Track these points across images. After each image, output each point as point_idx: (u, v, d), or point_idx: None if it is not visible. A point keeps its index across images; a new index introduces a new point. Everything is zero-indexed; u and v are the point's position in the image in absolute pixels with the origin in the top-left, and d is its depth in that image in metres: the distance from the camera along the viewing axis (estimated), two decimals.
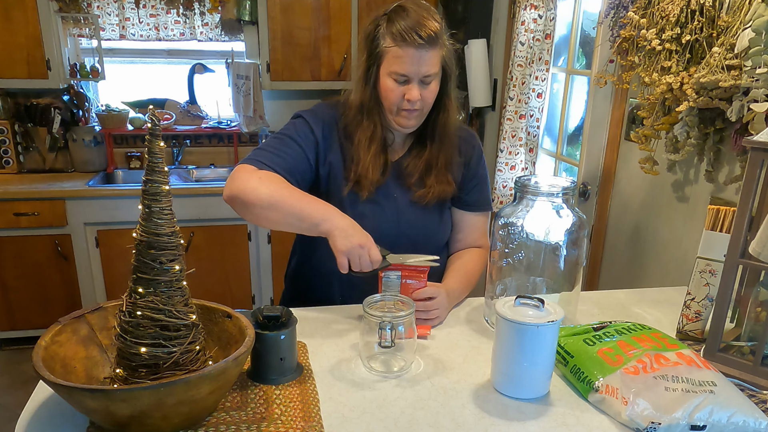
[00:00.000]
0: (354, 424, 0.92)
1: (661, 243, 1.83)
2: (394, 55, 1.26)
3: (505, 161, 2.63)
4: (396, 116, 1.33)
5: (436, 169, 1.39)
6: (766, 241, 1.01)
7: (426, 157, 1.40)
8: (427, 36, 1.23)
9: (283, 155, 1.32)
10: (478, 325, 1.29)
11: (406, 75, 1.27)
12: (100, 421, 0.87)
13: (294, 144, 1.34)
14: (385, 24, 1.28)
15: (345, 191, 1.36)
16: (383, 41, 1.28)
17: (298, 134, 1.35)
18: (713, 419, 0.88)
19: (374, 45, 1.30)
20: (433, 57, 1.27)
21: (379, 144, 1.36)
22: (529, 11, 2.38)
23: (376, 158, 1.35)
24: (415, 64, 1.25)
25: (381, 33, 1.29)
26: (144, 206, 0.88)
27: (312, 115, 1.39)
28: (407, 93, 1.28)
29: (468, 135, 1.50)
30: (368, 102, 1.33)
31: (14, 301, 3.11)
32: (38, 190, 2.98)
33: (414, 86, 1.28)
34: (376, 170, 1.35)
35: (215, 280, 3.28)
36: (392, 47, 1.26)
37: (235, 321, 1.01)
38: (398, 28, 1.25)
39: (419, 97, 1.28)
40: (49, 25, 2.99)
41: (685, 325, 1.24)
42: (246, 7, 3.23)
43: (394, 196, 1.40)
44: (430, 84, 1.30)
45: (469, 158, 1.47)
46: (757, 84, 1.23)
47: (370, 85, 1.32)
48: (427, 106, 1.33)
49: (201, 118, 3.58)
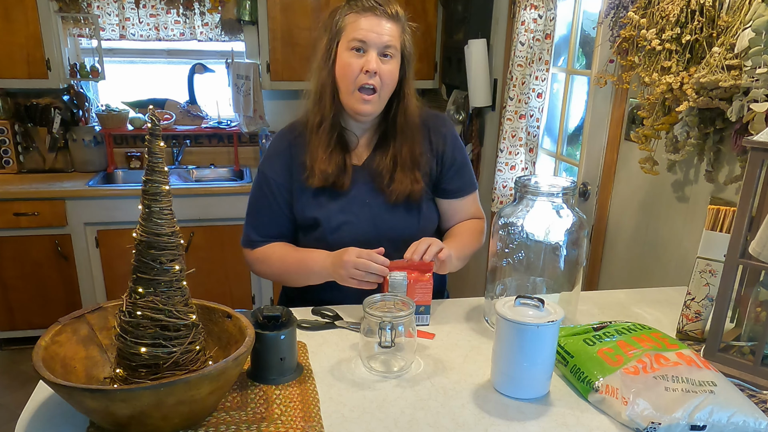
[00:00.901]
0: (354, 424, 0.92)
1: (661, 243, 1.83)
2: (353, 22, 1.28)
3: (505, 161, 2.63)
4: (353, 99, 1.31)
5: (401, 164, 1.38)
6: (766, 241, 1.01)
7: (391, 153, 1.39)
8: (387, 4, 1.28)
9: (264, 222, 1.43)
10: (478, 325, 1.29)
11: (364, 40, 1.27)
12: (100, 421, 0.87)
13: (266, 205, 1.42)
14: (345, 4, 1.32)
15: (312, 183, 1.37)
16: (342, 16, 1.30)
17: (266, 195, 1.41)
18: (713, 419, 0.88)
19: (335, 20, 1.32)
20: (393, 29, 1.29)
21: (332, 134, 1.36)
22: (529, 11, 2.38)
23: (329, 148, 1.35)
24: (374, 30, 1.27)
25: (340, 13, 1.32)
26: (144, 206, 0.88)
27: (269, 164, 1.42)
28: (365, 64, 1.28)
29: (436, 121, 1.47)
30: (326, 84, 1.34)
31: (14, 301, 3.11)
32: (38, 190, 2.98)
33: (372, 55, 1.28)
34: (331, 163, 1.35)
35: (215, 280, 3.28)
36: (351, 15, 1.29)
37: (235, 321, 1.01)
38: (359, 2, 1.29)
39: (377, 68, 1.28)
40: (49, 25, 2.99)
41: (685, 325, 1.24)
42: (246, 7, 3.23)
43: (366, 202, 1.40)
44: (388, 62, 1.30)
45: (442, 147, 1.44)
46: (757, 84, 1.23)
47: (329, 65, 1.33)
48: (385, 88, 1.32)
49: (201, 118, 3.58)
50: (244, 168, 3.57)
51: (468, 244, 1.45)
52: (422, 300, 1.24)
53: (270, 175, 1.41)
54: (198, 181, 3.51)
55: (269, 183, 1.41)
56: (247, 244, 1.45)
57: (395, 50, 1.31)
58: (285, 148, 1.42)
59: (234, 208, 3.15)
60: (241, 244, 1.47)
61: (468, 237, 1.47)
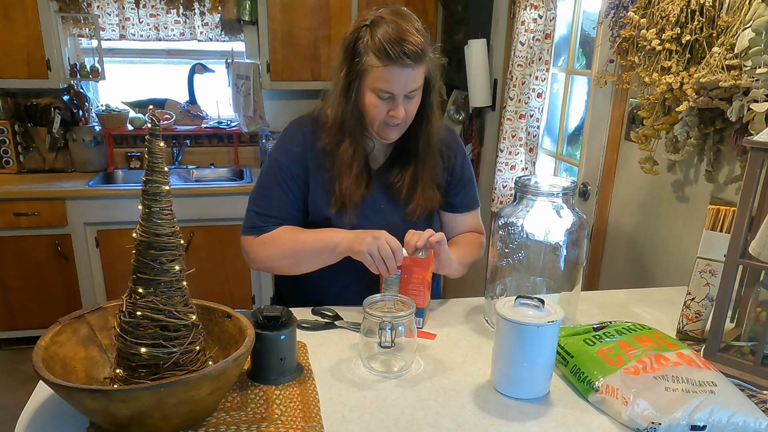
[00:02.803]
0: (354, 424, 0.92)
1: (661, 243, 1.83)
2: (379, 72, 1.22)
3: (505, 161, 2.63)
4: (378, 130, 1.31)
5: (422, 183, 1.38)
6: (766, 241, 1.01)
7: (411, 172, 1.38)
8: (412, 53, 1.20)
9: (273, 207, 1.36)
10: (478, 325, 1.29)
11: (391, 93, 1.24)
12: (100, 421, 0.87)
13: (279, 190, 1.36)
14: (367, 37, 1.22)
15: (332, 210, 1.35)
16: (366, 57, 1.23)
17: (279, 181, 1.36)
18: (713, 419, 0.88)
19: (356, 59, 1.24)
20: (419, 73, 1.24)
21: (361, 161, 1.34)
22: (529, 11, 2.38)
23: (360, 176, 1.34)
24: (401, 83, 1.22)
25: (363, 47, 1.23)
26: (144, 206, 0.88)
27: (285, 153, 1.37)
28: (392, 110, 1.26)
29: (449, 138, 1.46)
30: (349, 118, 1.30)
31: (14, 301, 3.11)
32: (38, 190, 2.98)
33: (399, 101, 1.25)
34: (360, 188, 1.34)
35: (215, 280, 3.28)
36: (377, 66, 1.21)
37: (235, 321, 1.01)
38: (382, 44, 1.20)
39: (404, 113, 1.27)
40: (49, 25, 2.99)
41: (685, 325, 1.24)
42: (246, 7, 3.23)
43: (381, 207, 1.39)
44: (413, 98, 1.28)
45: (452, 163, 1.45)
46: (757, 84, 1.23)
47: (351, 101, 1.28)
48: (410, 119, 1.32)
49: (201, 118, 3.58)
50: (244, 168, 3.58)
51: (468, 252, 1.45)
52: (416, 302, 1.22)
53: (285, 163, 1.36)
54: (198, 181, 3.51)
55: (283, 170, 1.36)
56: (251, 230, 1.37)
57: (421, 87, 1.28)
58: (300, 142, 1.37)
59: (234, 208, 3.15)
60: (242, 231, 1.38)
61: (468, 247, 1.47)
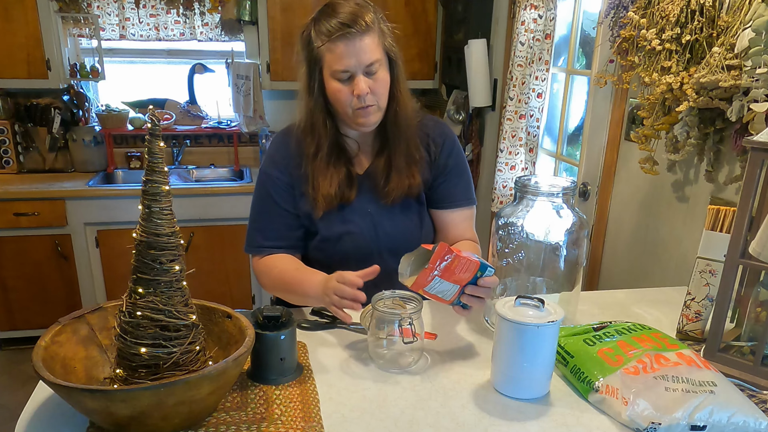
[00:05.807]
0: (354, 424, 0.92)
1: (661, 243, 1.83)
2: (330, 52, 1.21)
3: (505, 161, 2.63)
4: (353, 117, 1.27)
5: (396, 163, 1.34)
6: (766, 241, 1.01)
7: (386, 154, 1.35)
8: (348, 19, 1.19)
9: (271, 227, 1.37)
10: (478, 325, 1.29)
11: (347, 69, 1.21)
12: (100, 421, 0.87)
13: (272, 204, 1.36)
14: (313, 26, 1.24)
15: (317, 215, 1.34)
16: (315, 44, 1.23)
17: (270, 195, 1.36)
18: (713, 419, 0.88)
19: (309, 50, 1.25)
20: (370, 43, 1.21)
21: (335, 161, 1.32)
22: (529, 11, 2.38)
23: (335, 177, 1.32)
24: (352, 56, 1.20)
25: (312, 36, 1.24)
26: (144, 206, 0.88)
27: (272, 165, 1.37)
28: (355, 88, 1.22)
29: (436, 129, 1.41)
30: (318, 114, 1.29)
31: (14, 301, 3.11)
32: (38, 190, 2.97)
33: (360, 79, 1.22)
34: (335, 188, 1.31)
35: (215, 280, 3.28)
36: (325, 44, 1.21)
37: (235, 321, 1.01)
38: (326, 25, 1.21)
39: (367, 90, 1.23)
40: (49, 25, 2.99)
41: (685, 325, 1.24)
42: (246, 7, 3.23)
43: (368, 211, 1.37)
44: (376, 73, 1.24)
45: (436, 153, 1.39)
46: (757, 84, 1.23)
47: (315, 93, 1.28)
48: (381, 98, 1.27)
49: (201, 118, 3.58)
50: (244, 168, 3.57)
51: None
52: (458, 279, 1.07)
53: (274, 174, 1.36)
54: (198, 181, 3.51)
55: (274, 182, 1.36)
56: (254, 249, 1.39)
57: (379, 60, 1.24)
58: (285, 151, 1.37)
59: (234, 208, 3.15)
60: (246, 250, 1.41)
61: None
